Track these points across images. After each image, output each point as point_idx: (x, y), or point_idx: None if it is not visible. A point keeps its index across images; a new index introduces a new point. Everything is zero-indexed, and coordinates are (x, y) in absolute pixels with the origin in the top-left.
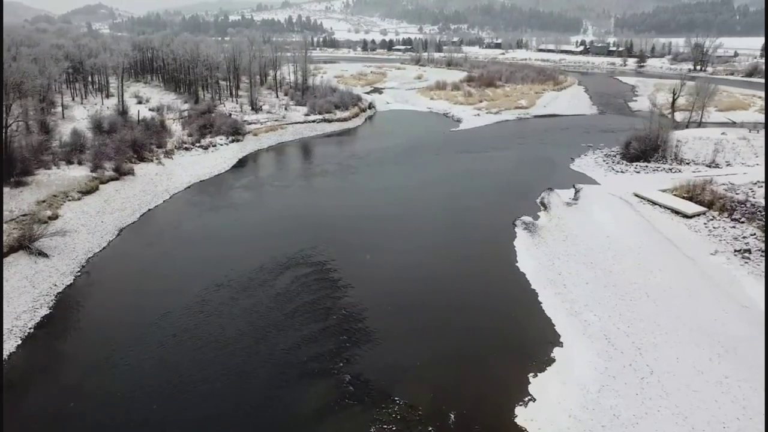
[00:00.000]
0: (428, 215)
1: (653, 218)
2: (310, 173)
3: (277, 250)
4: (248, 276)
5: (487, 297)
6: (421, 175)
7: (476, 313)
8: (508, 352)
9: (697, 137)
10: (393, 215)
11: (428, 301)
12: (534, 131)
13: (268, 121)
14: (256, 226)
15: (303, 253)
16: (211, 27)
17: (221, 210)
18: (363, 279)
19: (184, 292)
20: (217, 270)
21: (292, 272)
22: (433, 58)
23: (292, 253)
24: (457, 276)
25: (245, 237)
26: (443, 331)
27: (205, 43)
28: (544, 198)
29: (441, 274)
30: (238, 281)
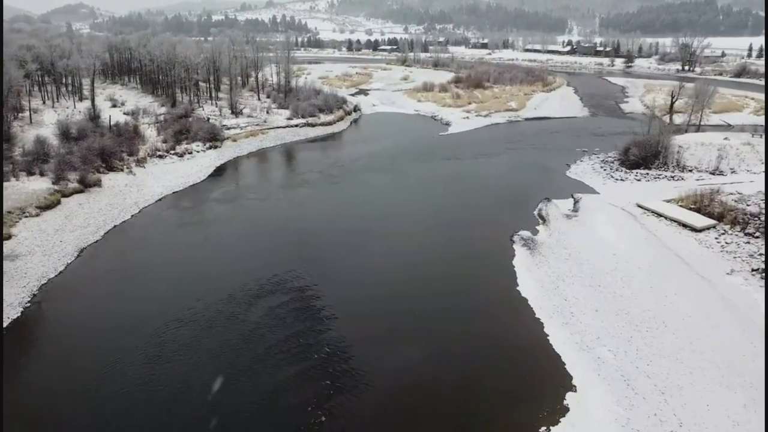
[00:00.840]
0: (419, 231)
1: (660, 232)
2: (291, 183)
3: (251, 275)
4: (216, 308)
5: (488, 332)
6: (409, 184)
7: (477, 353)
8: (514, 399)
9: (699, 143)
10: (379, 231)
11: (421, 336)
12: (526, 135)
13: (249, 125)
14: (228, 246)
15: (279, 278)
16: (194, 27)
17: (192, 227)
18: (347, 309)
19: (141, 331)
20: (181, 301)
21: (266, 302)
22: (420, 58)
23: (267, 279)
24: (452, 304)
25: (216, 259)
26: (439, 376)
27: (184, 43)
28: (542, 209)
29: (434, 302)
30: (204, 315)
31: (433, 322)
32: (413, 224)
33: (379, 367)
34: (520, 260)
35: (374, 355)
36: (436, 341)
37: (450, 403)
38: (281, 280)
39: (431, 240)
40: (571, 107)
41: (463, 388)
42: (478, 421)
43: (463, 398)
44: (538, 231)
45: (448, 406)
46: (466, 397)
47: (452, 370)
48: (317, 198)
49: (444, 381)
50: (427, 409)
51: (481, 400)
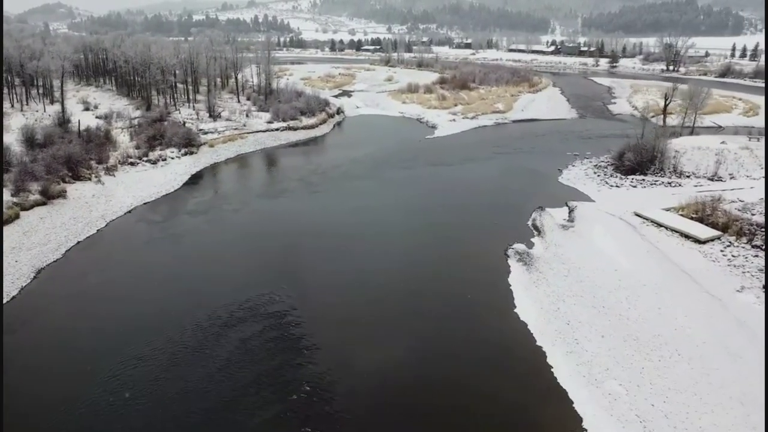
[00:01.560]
0: (405, 247)
1: (662, 244)
2: (268, 192)
3: (221, 300)
4: (180, 342)
5: (487, 363)
6: (395, 193)
7: (476, 389)
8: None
9: (696, 147)
10: (362, 248)
11: (413, 370)
12: (514, 138)
13: (227, 129)
14: (197, 266)
15: (252, 303)
16: (175, 27)
17: (160, 243)
18: (327, 339)
19: (93, 373)
20: (143, 333)
21: (237, 332)
22: (403, 58)
23: (239, 304)
24: (446, 331)
25: (183, 281)
26: (434, 420)
27: (160, 43)
28: (536, 219)
29: (426, 328)
30: (167, 351)
31: (426, 353)
32: (399, 239)
33: (364, 415)
34: (517, 277)
35: (360, 396)
36: (429, 377)
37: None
38: (254, 306)
39: (419, 257)
40: (558, 109)
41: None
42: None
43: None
44: (533, 244)
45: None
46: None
47: (445, 412)
48: (295, 210)
49: (440, 428)
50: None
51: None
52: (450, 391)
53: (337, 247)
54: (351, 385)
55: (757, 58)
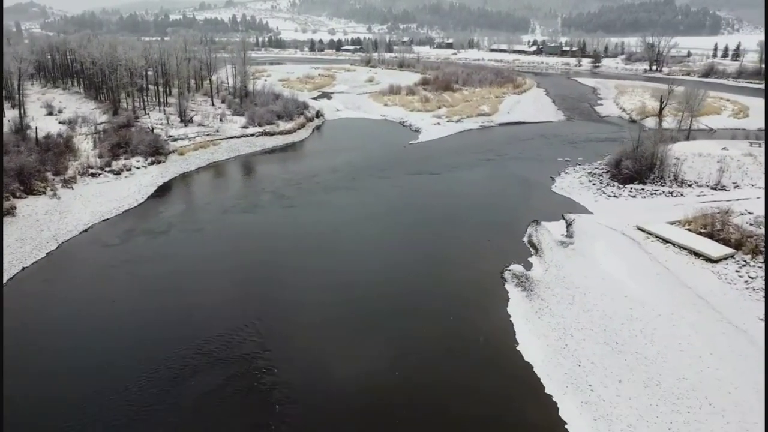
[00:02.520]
0: (388, 269)
1: (671, 264)
2: (238, 207)
3: (175, 346)
4: (126, 402)
5: (488, 418)
6: (376, 206)
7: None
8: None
9: (696, 153)
10: (343, 270)
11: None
12: (501, 142)
13: (199, 135)
14: (152, 300)
15: (214, 346)
16: (151, 27)
17: (115, 271)
18: (303, 388)
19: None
20: (82, 393)
21: (196, 385)
22: (384, 58)
23: (198, 347)
24: (439, 376)
25: (137, 322)
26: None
27: (129, 44)
28: (533, 235)
29: (415, 373)
30: (109, 412)
31: (416, 408)
32: (381, 263)
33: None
34: (516, 306)
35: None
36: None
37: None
38: (217, 349)
39: (405, 283)
40: (545, 111)
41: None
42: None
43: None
44: (531, 264)
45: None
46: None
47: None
48: (265, 228)
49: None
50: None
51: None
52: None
53: (310, 272)
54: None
55: (740, 58)
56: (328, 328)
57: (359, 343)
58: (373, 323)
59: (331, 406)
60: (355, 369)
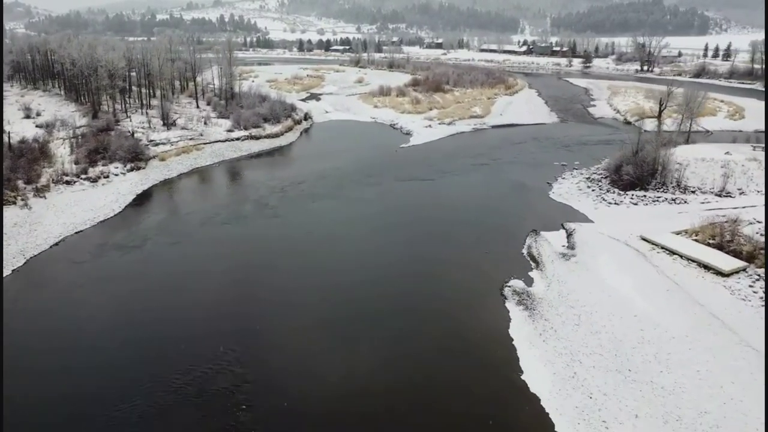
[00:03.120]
0: (380, 285)
1: (681, 278)
2: (219, 218)
3: (145, 383)
4: None
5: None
6: (365, 216)
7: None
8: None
9: (699, 158)
10: (327, 288)
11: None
12: (495, 146)
13: (182, 140)
14: (119, 328)
15: (190, 377)
16: (138, 26)
17: (84, 291)
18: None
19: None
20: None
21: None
22: (374, 59)
23: (168, 382)
24: (438, 408)
25: (107, 350)
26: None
27: (110, 44)
28: (532, 247)
29: (413, 406)
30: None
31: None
32: (372, 279)
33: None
34: (519, 327)
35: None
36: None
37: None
38: (188, 383)
39: (398, 302)
40: (538, 112)
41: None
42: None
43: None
44: (532, 279)
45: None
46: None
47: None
48: (243, 244)
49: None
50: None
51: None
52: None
53: (289, 293)
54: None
55: (730, 58)
56: (311, 356)
57: (345, 368)
58: (363, 346)
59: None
60: (346, 401)
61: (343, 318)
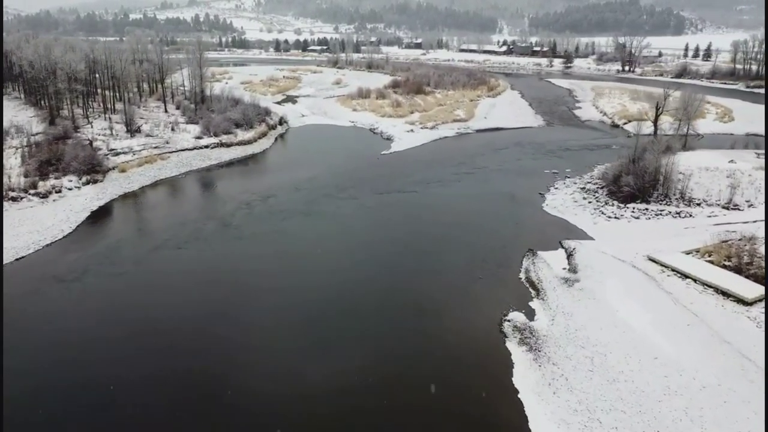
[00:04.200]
0: (358, 320)
1: (698, 307)
2: (175, 240)
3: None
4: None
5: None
6: (343, 237)
7: None
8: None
9: (703, 168)
10: (294, 327)
11: None
12: (480, 151)
13: (145, 148)
14: (52, 381)
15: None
16: (110, 26)
17: (10, 338)
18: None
19: None
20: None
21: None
22: (352, 59)
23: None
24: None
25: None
26: None
27: (71, 44)
28: (530, 270)
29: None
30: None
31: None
32: (350, 307)
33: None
34: (524, 375)
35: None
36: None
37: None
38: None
39: (379, 345)
40: (523, 115)
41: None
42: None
43: None
44: (533, 311)
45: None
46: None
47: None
48: (199, 273)
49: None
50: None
51: None
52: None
53: (255, 330)
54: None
55: (711, 58)
56: (279, 405)
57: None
58: (340, 405)
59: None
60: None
61: (317, 353)
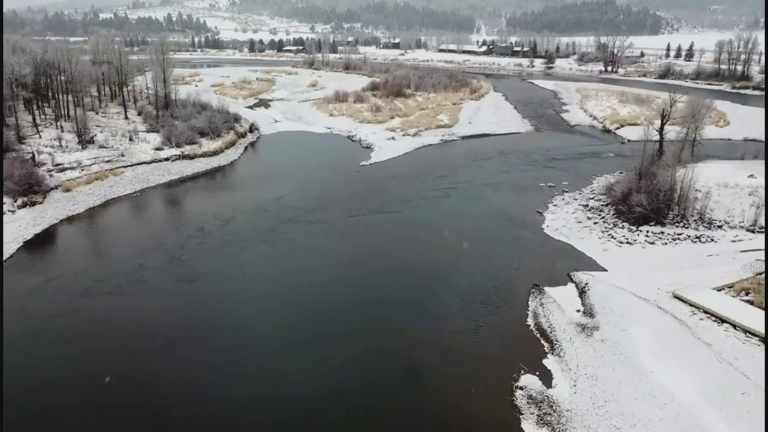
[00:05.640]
0: (330, 399)
1: (743, 362)
2: (109, 283)
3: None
4: None
5: None
6: (312, 274)
7: None
8: None
9: (721, 184)
10: (243, 400)
11: None
12: (467, 162)
13: (96, 162)
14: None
15: None
16: (79, 26)
17: None
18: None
19: None
20: None
21: None
22: (329, 60)
23: None
24: None
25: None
26: None
27: (18, 44)
28: (539, 314)
29: None
30: None
31: None
32: (317, 388)
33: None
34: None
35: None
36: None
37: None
38: None
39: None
40: (509, 120)
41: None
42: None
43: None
44: (550, 374)
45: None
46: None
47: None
48: (128, 328)
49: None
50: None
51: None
52: None
53: (208, 399)
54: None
55: (693, 58)
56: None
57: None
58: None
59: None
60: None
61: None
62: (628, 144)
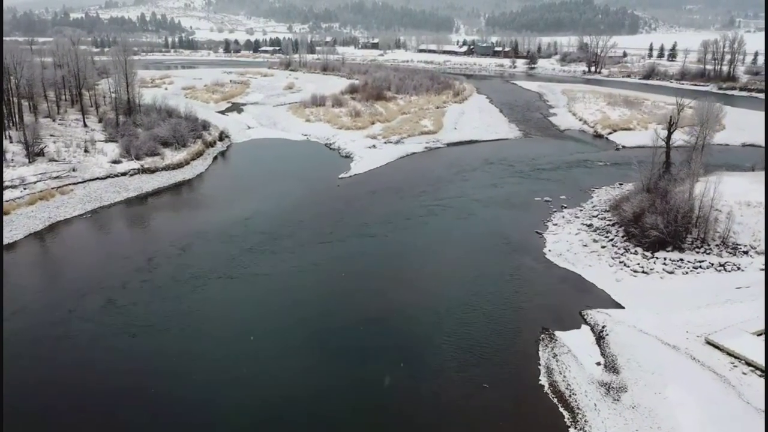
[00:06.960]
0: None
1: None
2: (28, 335)
3: None
4: None
5: None
6: (276, 321)
7: None
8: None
9: (743, 202)
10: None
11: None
12: (455, 172)
13: (42, 179)
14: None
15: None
16: (49, 26)
17: None
18: None
19: None
20: None
21: None
22: (306, 60)
23: None
24: None
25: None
26: None
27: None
28: (552, 369)
29: None
30: None
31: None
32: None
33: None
34: None
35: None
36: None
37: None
38: None
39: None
40: (495, 124)
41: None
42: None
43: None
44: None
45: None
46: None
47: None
48: (74, 380)
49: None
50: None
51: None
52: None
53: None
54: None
55: (677, 59)
56: None
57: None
58: None
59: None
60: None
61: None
62: (623, 151)
